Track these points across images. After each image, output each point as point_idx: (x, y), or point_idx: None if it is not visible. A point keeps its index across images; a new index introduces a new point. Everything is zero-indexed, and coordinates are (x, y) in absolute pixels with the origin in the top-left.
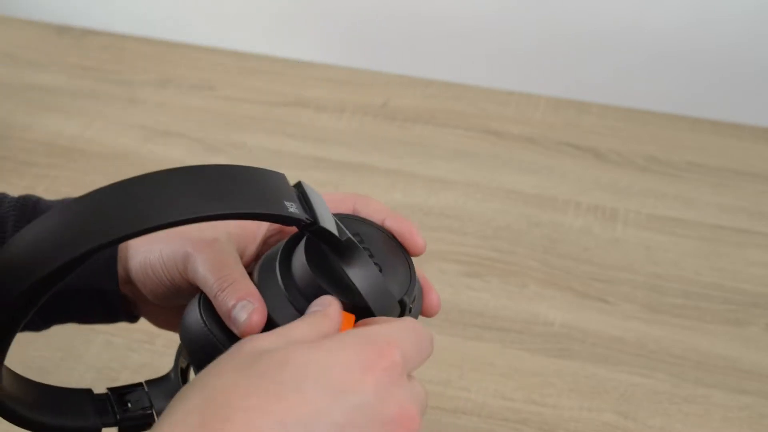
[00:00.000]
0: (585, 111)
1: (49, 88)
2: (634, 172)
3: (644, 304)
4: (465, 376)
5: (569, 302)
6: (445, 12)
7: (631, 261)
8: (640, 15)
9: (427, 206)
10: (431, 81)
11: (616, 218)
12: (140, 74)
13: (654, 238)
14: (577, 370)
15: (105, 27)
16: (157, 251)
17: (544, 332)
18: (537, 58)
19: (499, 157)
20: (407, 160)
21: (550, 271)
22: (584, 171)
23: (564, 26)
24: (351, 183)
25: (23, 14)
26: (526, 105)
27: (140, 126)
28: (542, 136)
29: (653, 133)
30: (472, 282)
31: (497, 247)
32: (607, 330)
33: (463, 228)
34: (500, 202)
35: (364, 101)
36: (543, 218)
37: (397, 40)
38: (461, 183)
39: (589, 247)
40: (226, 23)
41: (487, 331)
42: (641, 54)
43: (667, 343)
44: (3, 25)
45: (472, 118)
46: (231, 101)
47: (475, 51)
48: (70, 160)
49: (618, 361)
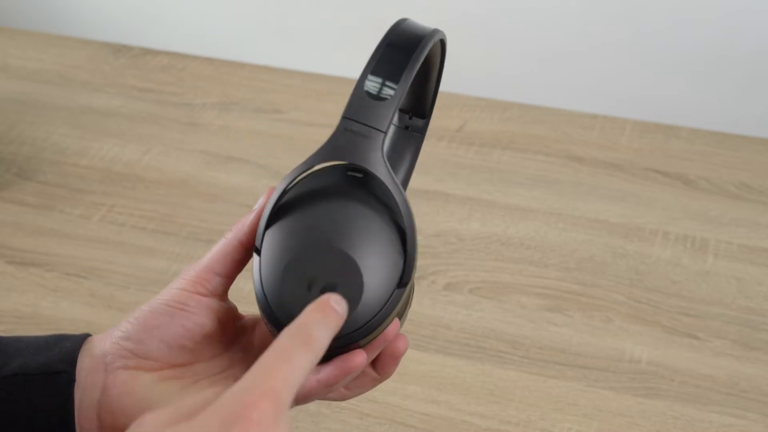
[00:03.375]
0: (673, 135)
1: (105, 111)
2: (725, 200)
3: (736, 340)
4: (546, 417)
5: (656, 338)
6: (523, 32)
7: (722, 294)
8: (731, 35)
9: (506, 236)
10: (510, 103)
11: (707, 249)
12: (201, 96)
13: (746, 270)
14: (665, 411)
15: (164, 46)
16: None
17: (629, 370)
18: (622, 79)
19: (583, 184)
20: (484, 188)
21: (636, 305)
22: (672, 199)
23: (651, 46)
24: (425, 211)
25: (78, 33)
26: (611, 129)
27: (201, 151)
28: (628, 162)
29: (745, 159)
30: (553, 317)
31: (580, 279)
32: (697, 368)
33: (544, 259)
34: (583, 231)
35: (439, 125)
36: (629, 249)
37: (473, 60)
38: (542, 212)
39: (677, 279)
40: (291, 42)
41: (569, 368)
42: (733, 76)
43: (760, 382)
44: (57, 44)
45: (554, 143)
46: (298, 125)
47: (556, 72)
48: (127, 188)
49: (708, 400)
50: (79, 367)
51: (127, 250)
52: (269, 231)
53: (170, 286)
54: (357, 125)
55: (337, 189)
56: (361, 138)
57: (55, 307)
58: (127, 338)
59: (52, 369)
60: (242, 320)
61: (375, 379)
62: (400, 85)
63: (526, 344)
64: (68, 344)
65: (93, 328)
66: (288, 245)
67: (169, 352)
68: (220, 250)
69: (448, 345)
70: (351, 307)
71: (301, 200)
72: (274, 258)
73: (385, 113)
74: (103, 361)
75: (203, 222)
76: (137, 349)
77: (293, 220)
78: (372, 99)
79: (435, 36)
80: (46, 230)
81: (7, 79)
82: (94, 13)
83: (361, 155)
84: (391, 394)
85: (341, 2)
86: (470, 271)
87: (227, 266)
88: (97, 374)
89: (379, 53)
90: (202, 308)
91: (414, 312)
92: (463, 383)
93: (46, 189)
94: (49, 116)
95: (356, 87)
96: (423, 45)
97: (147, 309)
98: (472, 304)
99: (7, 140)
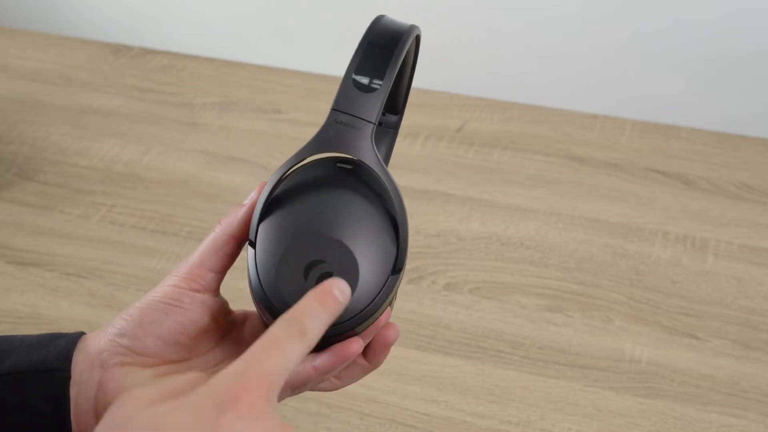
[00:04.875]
0: (673, 135)
1: (104, 111)
2: (725, 200)
3: (736, 340)
4: (546, 417)
5: (656, 338)
6: (523, 32)
7: (722, 294)
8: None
9: (506, 236)
10: (510, 103)
11: (707, 249)
12: (201, 96)
13: (746, 270)
14: (665, 411)
15: (164, 46)
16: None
17: (629, 370)
18: (622, 79)
19: (583, 184)
20: (484, 188)
21: (636, 305)
22: (672, 199)
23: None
24: (425, 211)
25: (78, 33)
26: (611, 129)
27: (201, 151)
28: (628, 162)
29: (745, 159)
30: (553, 317)
31: (580, 279)
32: (697, 368)
33: (544, 259)
34: (583, 231)
35: (439, 125)
36: (629, 249)
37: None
38: (542, 212)
39: (677, 279)
40: (291, 42)
41: (569, 368)
42: (733, 76)
43: (760, 382)
44: (57, 44)
45: (554, 143)
46: (298, 125)
47: (556, 72)
48: (127, 188)
49: (708, 400)
50: (75, 365)
51: (127, 250)
52: (263, 224)
53: (163, 283)
54: (346, 116)
55: (329, 179)
56: (351, 129)
57: (55, 307)
58: (122, 335)
59: (47, 367)
60: (232, 315)
61: (365, 368)
62: (387, 76)
63: (526, 344)
64: (63, 342)
65: (93, 328)
66: (283, 236)
67: (165, 348)
68: (211, 245)
69: (448, 345)
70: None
71: (294, 192)
72: (269, 250)
73: (373, 103)
74: (99, 358)
75: (203, 222)
76: (133, 345)
77: (286, 212)
78: (360, 90)
79: (414, 31)
80: (46, 230)
81: (7, 79)
82: (94, 13)
83: (352, 145)
84: (391, 394)
85: (341, 2)
86: (470, 271)
87: (219, 261)
88: (93, 371)
89: (363, 46)
90: (196, 304)
91: (414, 312)
92: (463, 383)
93: (46, 189)
94: (49, 116)
95: (344, 79)
96: (405, 37)
97: (141, 306)
98: (472, 304)
99: (7, 140)
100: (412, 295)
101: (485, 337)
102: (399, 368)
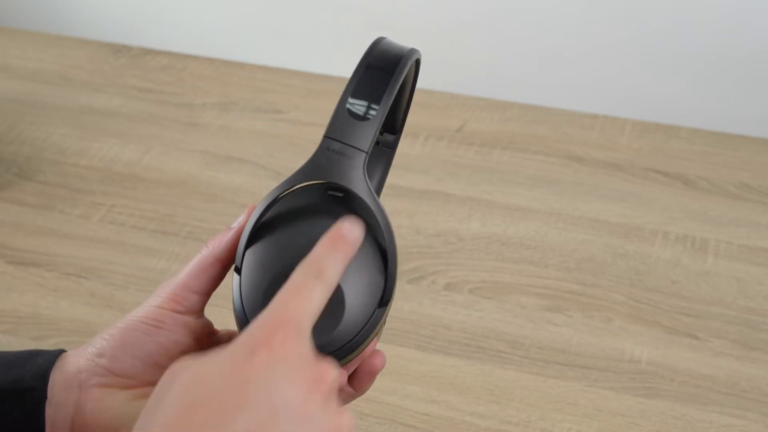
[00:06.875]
0: (673, 135)
1: (104, 111)
2: (725, 200)
3: (736, 340)
4: (546, 417)
5: (656, 338)
6: (523, 32)
7: (722, 294)
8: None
9: (506, 236)
10: (510, 103)
11: (707, 249)
12: (201, 96)
13: (747, 270)
14: (665, 411)
15: (164, 46)
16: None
17: (629, 370)
18: (622, 79)
19: (583, 185)
20: (484, 188)
21: (636, 305)
22: (672, 199)
23: (651, 46)
24: (425, 211)
25: (78, 33)
26: (611, 129)
27: (201, 151)
28: (628, 162)
29: (746, 159)
30: (553, 317)
31: (580, 279)
32: (697, 368)
33: (544, 259)
34: (583, 231)
35: (439, 125)
36: (629, 249)
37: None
38: (542, 212)
39: (677, 279)
40: (291, 42)
41: (569, 368)
42: (733, 76)
43: (760, 382)
44: (57, 44)
45: (554, 143)
46: (298, 125)
47: (556, 72)
48: (127, 188)
49: (708, 400)
50: (52, 384)
51: (127, 250)
52: (250, 250)
53: (146, 303)
54: (339, 144)
55: (319, 208)
56: (343, 157)
57: (55, 307)
58: (101, 355)
59: (23, 386)
60: (217, 335)
61: (351, 395)
62: (381, 105)
63: (526, 344)
64: (41, 360)
65: (93, 328)
66: (269, 265)
67: (144, 370)
68: (197, 267)
69: (448, 345)
70: (332, 326)
71: (282, 219)
72: (255, 278)
73: (367, 133)
74: (77, 378)
75: (203, 222)
76: (112, 366)
77: (274, 240)
78: (354, 119)
79: (413, 56)
80: (46, 230)
81: (7, 79)
82: (94, 13)
83: (343, 175)
84: (391, 394)
85: (341, 3)
86: (470, 271)
87: (204, 283)
88: (71, 391)
89: (359, 73)
90: (178, 326)
91: (414, 312)
92: (463, 383)
93: (46, 189)
94: (49, 116)
95: (338, 106)
96: (402, 65)
97: (122, 326)
98: (472, 304)
99: (7, 140)
100: (412, 295)
101: (485, 337)
102: (399, 368)
